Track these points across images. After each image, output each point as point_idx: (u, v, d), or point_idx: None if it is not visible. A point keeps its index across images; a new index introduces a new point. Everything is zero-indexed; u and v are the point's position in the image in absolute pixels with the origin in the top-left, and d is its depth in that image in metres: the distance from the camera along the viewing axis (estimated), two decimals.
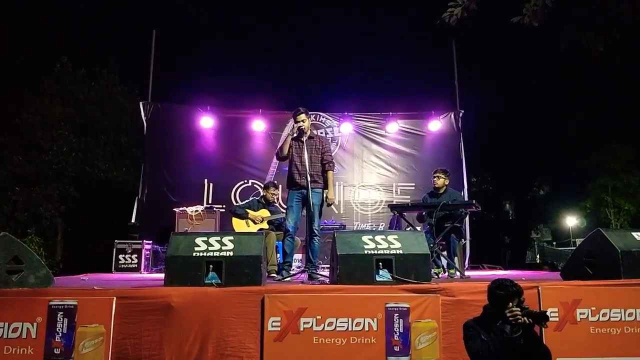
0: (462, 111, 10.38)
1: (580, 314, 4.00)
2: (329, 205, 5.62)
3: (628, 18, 5.99)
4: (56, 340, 3.62)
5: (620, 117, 16.72)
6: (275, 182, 7.79)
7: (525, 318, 2.83)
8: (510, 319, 2.83)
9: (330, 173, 5.61)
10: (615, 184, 16.02)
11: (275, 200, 7.55)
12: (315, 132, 6.27)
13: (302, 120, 5.48)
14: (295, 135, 5.53)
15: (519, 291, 2.97)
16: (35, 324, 3.65)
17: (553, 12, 5.65)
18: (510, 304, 2.91)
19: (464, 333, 3.09)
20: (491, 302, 3.07)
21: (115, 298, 3.74)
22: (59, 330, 3.64)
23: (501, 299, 2.96)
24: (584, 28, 6.19)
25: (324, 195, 5.54)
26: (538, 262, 22.94)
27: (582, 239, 5.23)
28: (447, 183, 6.52)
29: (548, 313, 2.97)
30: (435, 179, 6.50)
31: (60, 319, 3.65)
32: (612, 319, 4.00)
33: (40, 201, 15.01)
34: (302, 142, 5.44)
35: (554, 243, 28.50)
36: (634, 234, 4.52)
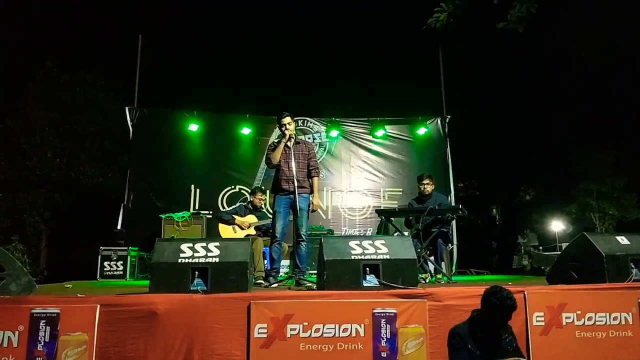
0: (449, 116, 10.46)
1: (565, 318, 4.02)
2: (313, 211, 5.60)
3: (621, 21, 6.07)
4: (38, 349, 3.55)
5: (604, 123, 16.91)
6: (263, 187, 7.76)
7: None
8: None
9: (316, 179, 5.60)
10: (599, 188, 16.15)
11: (263, 206, 7.53)
12: (302, 137, 6.25)
13: (288, 123, 5.45)
14: (289, 142, 5.42)
15: (512, 306, 2.93)
16: (17, 332, 3.58)
17: (537, 18, 5.70)
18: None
19: (449, 341, 3.06)
20: (482, 307, 3.04)
21: (99, 305, 3.68)
22: (41, 338, 3.56)
23: (493, 308, 2.93)
24: (572, 32, 6.26)
25: (310, 201, 5.53)
26: (525, 266, 23.04)
27: (568, 244, 5.28)
28: (433, 188, 6.55)
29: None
30: (424, 186, 6.49)
31: (42, 328, 3.58)
32: (597, 323, 4.03)
33: (24, 207, 14.81)
34: (289, 147, 5.42)
35: (541, 247, 28.66)
36: (618, 238, 4.58)
